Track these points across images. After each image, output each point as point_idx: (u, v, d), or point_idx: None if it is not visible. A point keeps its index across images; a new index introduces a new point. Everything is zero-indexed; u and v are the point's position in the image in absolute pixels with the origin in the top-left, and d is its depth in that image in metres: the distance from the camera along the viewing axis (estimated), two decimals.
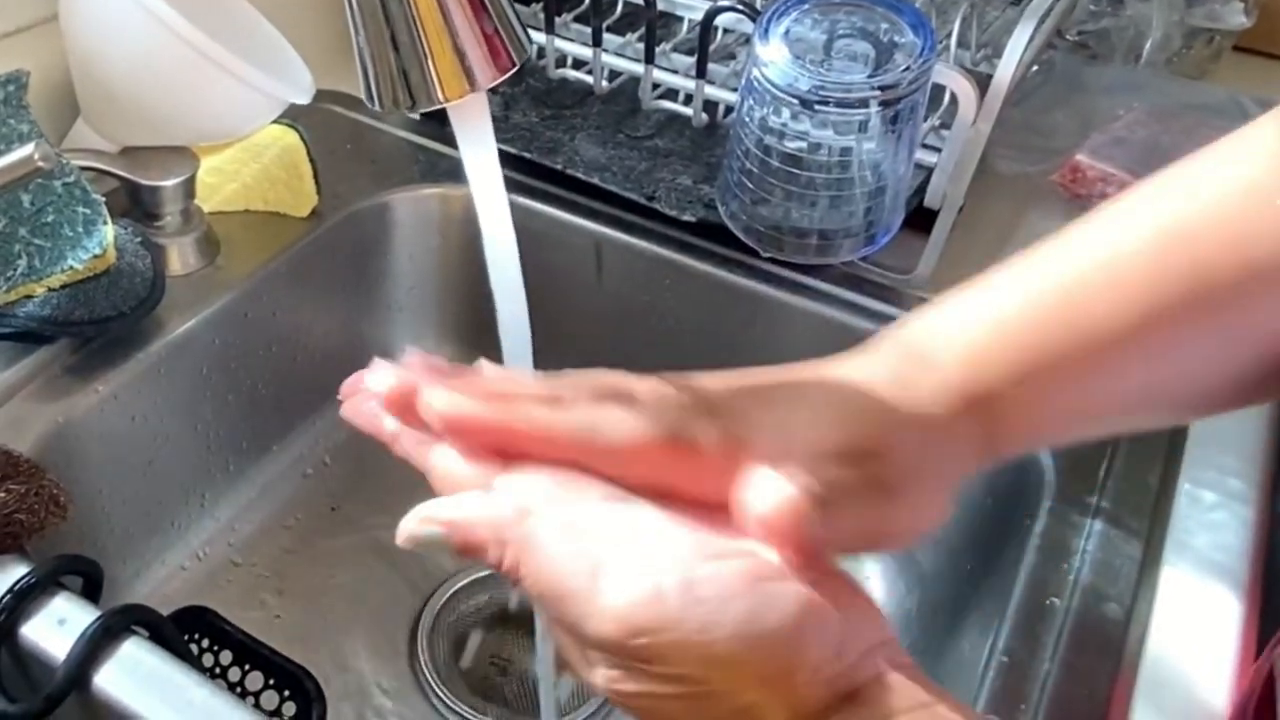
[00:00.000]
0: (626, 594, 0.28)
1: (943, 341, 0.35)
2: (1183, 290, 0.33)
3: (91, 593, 0.51)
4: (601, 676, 0.29)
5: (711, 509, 0.31)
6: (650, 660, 0.28)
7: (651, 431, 0.30)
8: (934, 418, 0.33)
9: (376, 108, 0.34)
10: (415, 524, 0.32)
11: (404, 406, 0.33)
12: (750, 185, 0.66)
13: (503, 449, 0.32)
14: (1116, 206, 0.36)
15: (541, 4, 0.79)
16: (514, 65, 0.34)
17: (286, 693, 0.59)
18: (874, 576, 0.72)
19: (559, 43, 0.80)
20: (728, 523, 0.30)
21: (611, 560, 0.28)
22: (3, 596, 0.47)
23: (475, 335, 0.84)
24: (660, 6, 0.74)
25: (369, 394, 0.35)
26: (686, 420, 0.31)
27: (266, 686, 0.60)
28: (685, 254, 0.72)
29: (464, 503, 0.31)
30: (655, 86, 0.79)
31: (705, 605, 0.27)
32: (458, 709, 0.66)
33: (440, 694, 0.67)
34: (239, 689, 0.60)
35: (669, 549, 0.29)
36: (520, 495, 0.30)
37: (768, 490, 0.29)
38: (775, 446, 0.30)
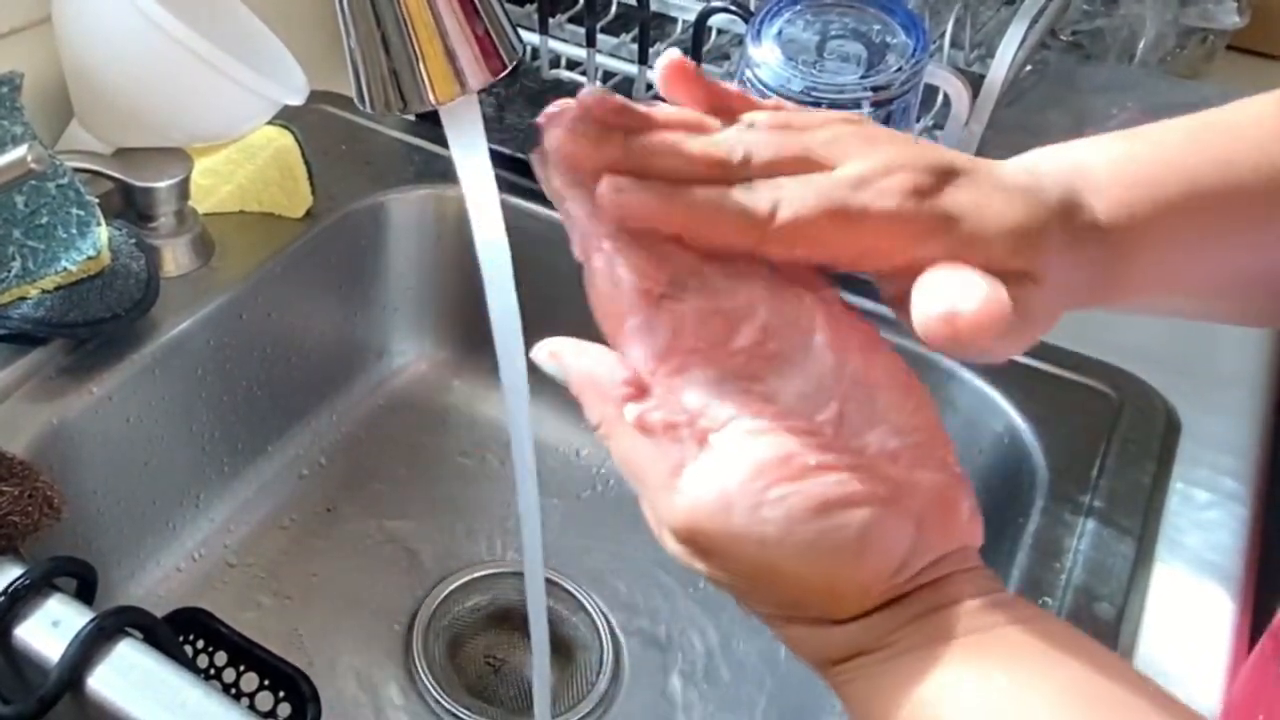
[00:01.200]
0: (695, 496, 0.29)
1: (1103, 160, 0.35)
2: None
3: (86, 594, 0.51)
4: (671, 547, 0.31)
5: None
6: (709, 554, 0.30)
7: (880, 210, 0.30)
8: (1089, 229, 0.33)
9: (368, 109, 0.34)
10: (544, 355, 0.33)
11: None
12: None
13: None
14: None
15: (535, 5, 0.80)
16: (505, 67, 0.34)
17: (281, 694, 0.59)
18: None
19: (553, 43, 0.80)
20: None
21: (692, 460, 0.30)
22: None
23: (470, 335, 0.84)
24: (654, 7, 0.74)
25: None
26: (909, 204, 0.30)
27: (261, 687, 0.60)
28: None
29: (587, 353, 0.32)
30: (649, 87, 0.79)
31: (768, 525, 0.29)
32: (453, 709, 0.66)
33: (436, 694, 0.67)
34: (234, 690, 0.60)
35: (753, 458, 0.29)
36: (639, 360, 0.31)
37: (973, 291, 0.29)
38: (970, 226, 0.30)
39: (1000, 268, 0.30)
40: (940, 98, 0.70)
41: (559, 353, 0.33)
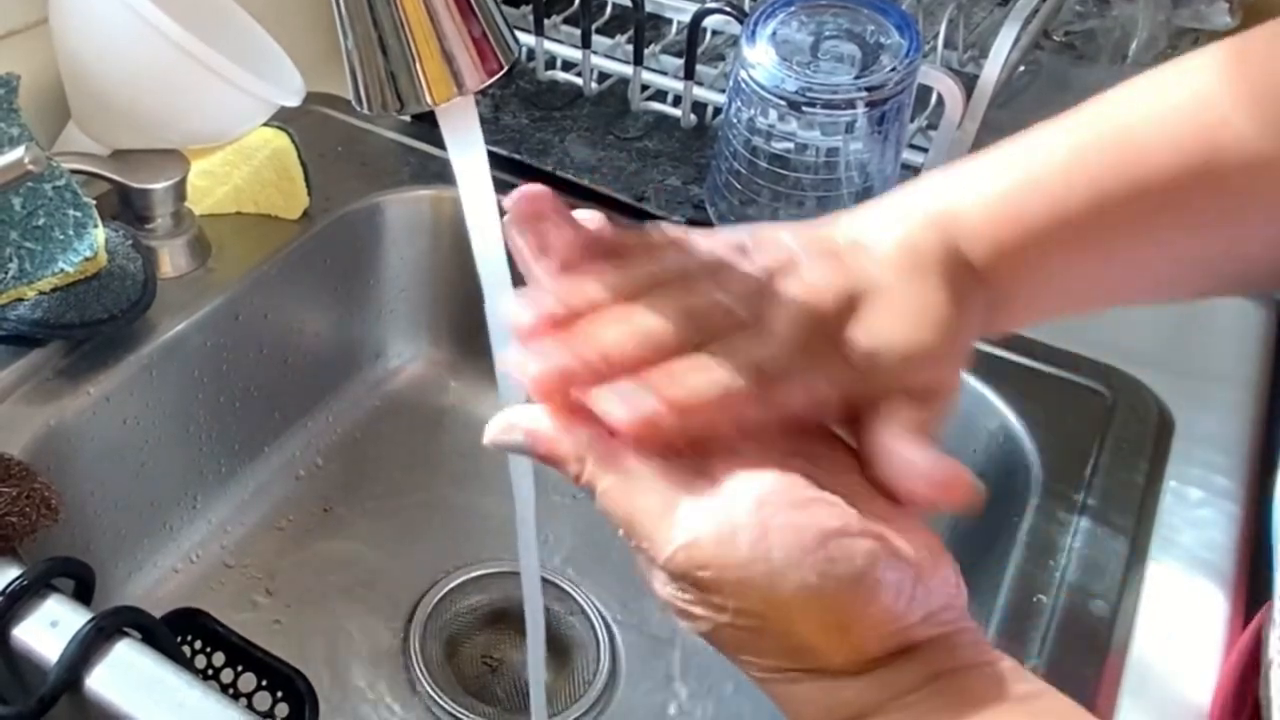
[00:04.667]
0: (698, 528, 0.29)
1: (970, 199, 0.35)
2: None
3: (84, 595, 0.51)
4: (665, 591, 0.30)
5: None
6: (711, 591, 0.29)
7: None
8: (971, 280, 0.34)
9: (365, 110, 0.34)
10: (500, 430, 0.32)
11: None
12: (738, 186, 0.66)
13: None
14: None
15: (531, 6, 0.80)
16: (502, 68, 0.34)
17: (279, 694, 0.59)
18: None
19: (548, 45, 0.81)
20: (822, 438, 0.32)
21: (687, 501, 0.29)
22: None
23: (467, 336, 0.84)
24: (649, 9, 0.75)
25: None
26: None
27: (259, 688, 0.60)
28: None
29: (541, 418, 0.31)
30: (644, 88, 0.79)
31: (775, 556, 0.28)
32: (450, 709, 0.66)
33: (432, 694, 0.67)
34: (232, 690, 0.60)
35: (752, 489, 0.29)
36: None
37: (937, 468, 0.30)
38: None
39: (924, 385, 0.32)
40: (934, 98, 0.70)
41: (514, 423, 0.32)
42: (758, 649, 0.30)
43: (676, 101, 0.78)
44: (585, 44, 0.78)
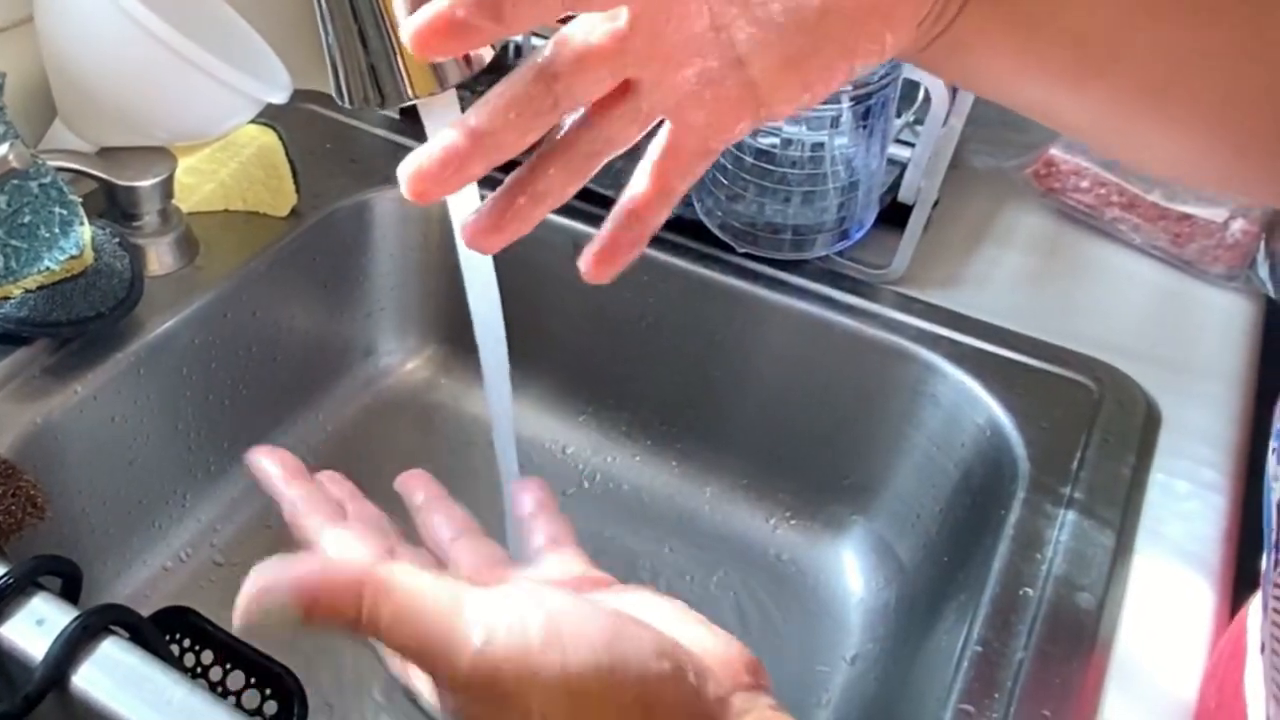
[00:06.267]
0: (491, 625, 0.28)
1: None
2: None
3: (71, 593, 0.51)
4: (454, 710, 0.29)
5: None
6: (510, 694, 0.27)
7: None
8: None
9: (346, 105, 0.34)
10: (255, 593, 0.29)
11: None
12: (725, 182, 0.66)
13: None
14: None
15: None
16: (483, 63, 0.34)
17: (268, 692, 0.59)
18: (851, 569, 0.73)
19: (535, 40, 0.81)
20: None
21: (472, 593, 0.29)
22: None
23: (455, 333, 0.84)
24: None
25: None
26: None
27: (248, 686, 0.60)
28: (662, 250, 0.73)
29: (312, 559, 0.30)
30: None
31: (567, 637, 0.28)
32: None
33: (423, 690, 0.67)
34: (220, 688, 0.60)
35: (523, 582, 0.30)
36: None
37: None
38: None
39: None
40: (920, 94, 0.70)
41: (275, 578, 0.29)
42: None
43: None
44: None
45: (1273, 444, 0.36)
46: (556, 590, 0.29)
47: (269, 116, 0.70)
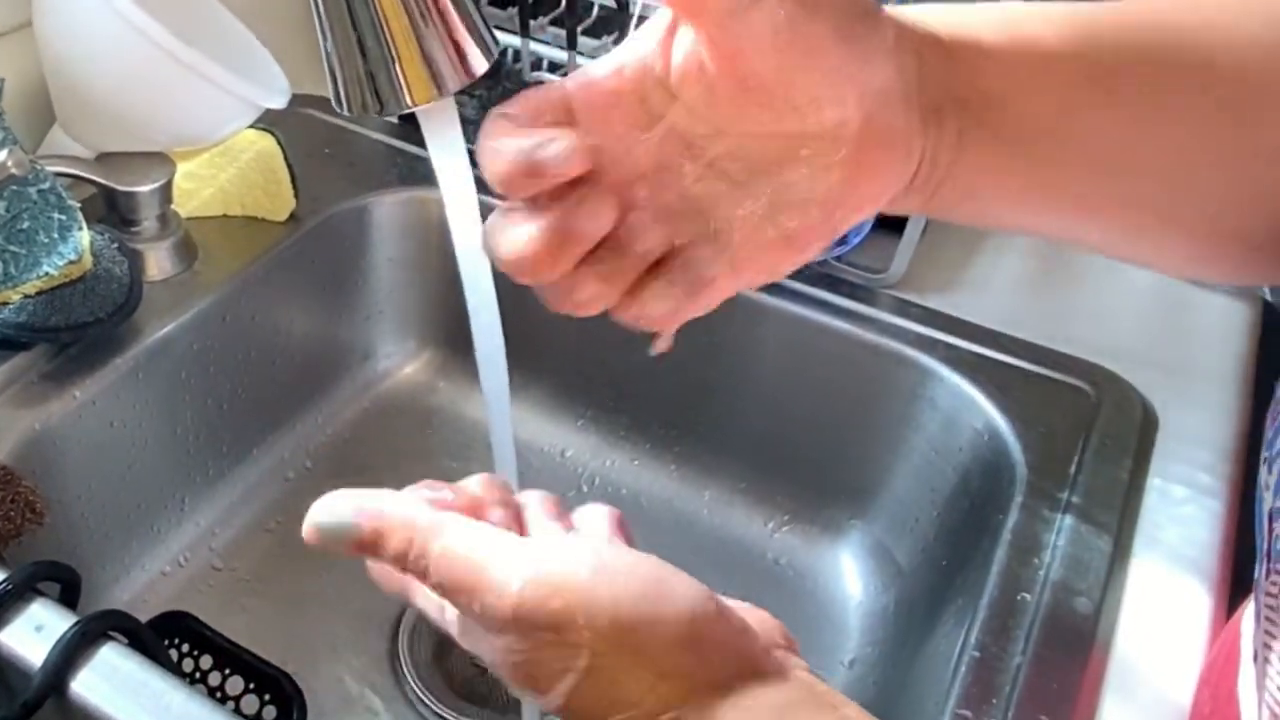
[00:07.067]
0: (541, 556, 0.29)
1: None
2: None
3: (70, 599, 0.51)
4: (502, 649, 0.29)
5: None
6: (563, 627, 0.28)
7: None
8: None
9: (344, 112, 0.34)
10: (324, 513, 0.31)
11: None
12: None
13: None
14: None
15: (516, 7, 0.80)
16: (482, 69, 0.34)
17: (267, 697, 0.59)
18: (849, 573, 0.73)
19: (534, 46, 0.81)
20: None
21: (520, 537, 0.30)
22: None
23: (454, 338, 0.84)
24: (634, 10, 0.75)
25: None
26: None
27: (247, 691, 0.60)
28: None
29: (382, 492, 0.32)
30: None
31: (615, 575, 0.28)
32: (440, 712, 0.66)
33: (422, 696, 0.67)
34: (219, 694, 0.60)
35: (575, 537, 0.31)
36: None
37: None
38: None
39: None
40: None
41: (338, 504, 0.31)
42: (622, 696, 0.28)
43: None
44: (571, 45, 0.78)
45: (1264, 453, 0.36)
46: (608, 541, 0.31)
47: (267, 121, 0.70)
